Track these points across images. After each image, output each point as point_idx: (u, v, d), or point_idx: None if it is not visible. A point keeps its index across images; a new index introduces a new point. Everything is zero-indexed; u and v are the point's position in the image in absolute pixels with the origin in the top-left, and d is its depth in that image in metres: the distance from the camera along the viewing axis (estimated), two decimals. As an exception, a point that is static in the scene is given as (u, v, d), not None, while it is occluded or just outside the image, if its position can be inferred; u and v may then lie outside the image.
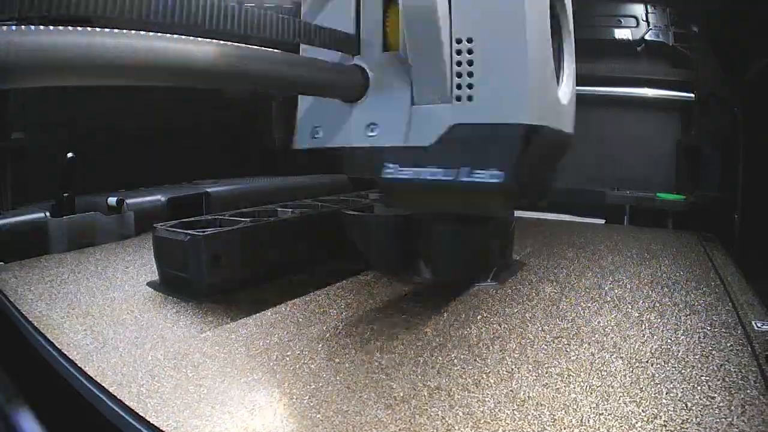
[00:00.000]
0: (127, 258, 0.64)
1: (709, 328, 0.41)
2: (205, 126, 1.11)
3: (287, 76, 0.37)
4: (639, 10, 1.11)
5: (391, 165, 0.41)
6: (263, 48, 0.34)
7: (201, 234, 0.46)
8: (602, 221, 1.01)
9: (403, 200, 0.48)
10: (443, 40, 0.38)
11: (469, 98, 0.38)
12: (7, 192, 0.82)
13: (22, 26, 0.22)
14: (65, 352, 0.36)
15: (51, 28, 0.23)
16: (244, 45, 0.32)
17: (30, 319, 0.43)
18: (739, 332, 0.41)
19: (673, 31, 1.09)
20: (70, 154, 0.70)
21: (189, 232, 0.47)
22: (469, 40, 0.38)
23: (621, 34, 1.11)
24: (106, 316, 0.43)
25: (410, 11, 0.37)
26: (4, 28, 0.22)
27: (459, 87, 0.38)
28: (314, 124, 0.45)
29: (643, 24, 1.10)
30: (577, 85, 1.24)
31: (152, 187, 0.92)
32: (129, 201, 0.78)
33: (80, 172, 0.71)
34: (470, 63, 0.38)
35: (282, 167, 1.16)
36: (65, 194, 0.70)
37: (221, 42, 0.30)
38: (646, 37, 1.09)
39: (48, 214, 0.69)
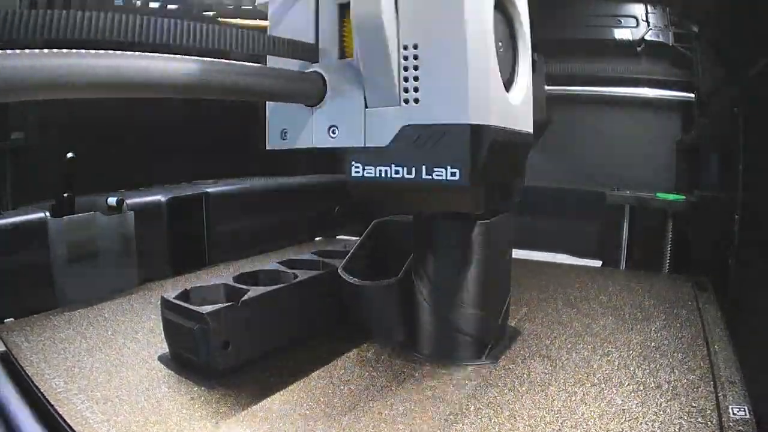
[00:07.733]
0: (135, 319, 0.70)
1: (685, 418, 0.48)
2: (205, 126, 1.16)
3: (253, 85, 0.42)
4: (639, 10, 1.16)
5: (356, 164, 0.47)
6: (229, 61, 0.40)
7: (209, 324, 0.51)
8: (599, 263, 1.07)
9: (371, 199, 0.54)
10: (390, 46, 0.43)
11: (416, 101, 0.44)
12: (7, 192, 0.86)
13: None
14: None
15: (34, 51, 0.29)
16: (211, 59, 0.38)
17: (53, 403, 0.49)
18: (714, 422, 0.47)
19: (673, 31, 1.15)
20: (70, 154, 0.74)
21: (196, 310, 0.53)
22: (415, 47, 0.43)
23: (621, 34, 1.17)
24: (125, 402, 0.49)
25: (360, 20, 0.43)
26: None
27: (406, 90, 0.44)
28: (282, 126, 0.51)
29: (643, 24, 1.15)
30: (577, 85, 1.28)
31: (152, 187, 0.98)
32: (129, 201, 0.83)
33: (80, 172, 0.75)
34: (416, 68, 0.43)
35: (282, 167, 1.22)
36: (65, 194, 0.74)
37: (193, 57, 0.36)
38: (646, 37, 1.15)
39: (48, 214, 0.74)
